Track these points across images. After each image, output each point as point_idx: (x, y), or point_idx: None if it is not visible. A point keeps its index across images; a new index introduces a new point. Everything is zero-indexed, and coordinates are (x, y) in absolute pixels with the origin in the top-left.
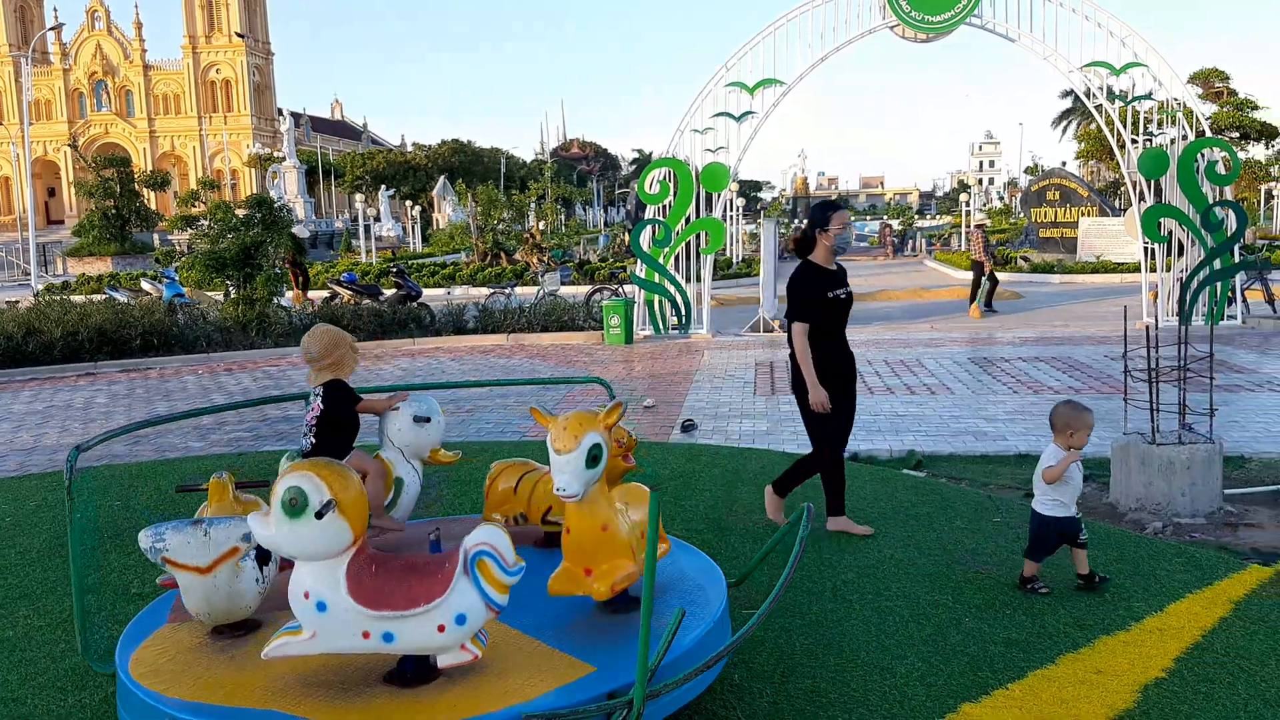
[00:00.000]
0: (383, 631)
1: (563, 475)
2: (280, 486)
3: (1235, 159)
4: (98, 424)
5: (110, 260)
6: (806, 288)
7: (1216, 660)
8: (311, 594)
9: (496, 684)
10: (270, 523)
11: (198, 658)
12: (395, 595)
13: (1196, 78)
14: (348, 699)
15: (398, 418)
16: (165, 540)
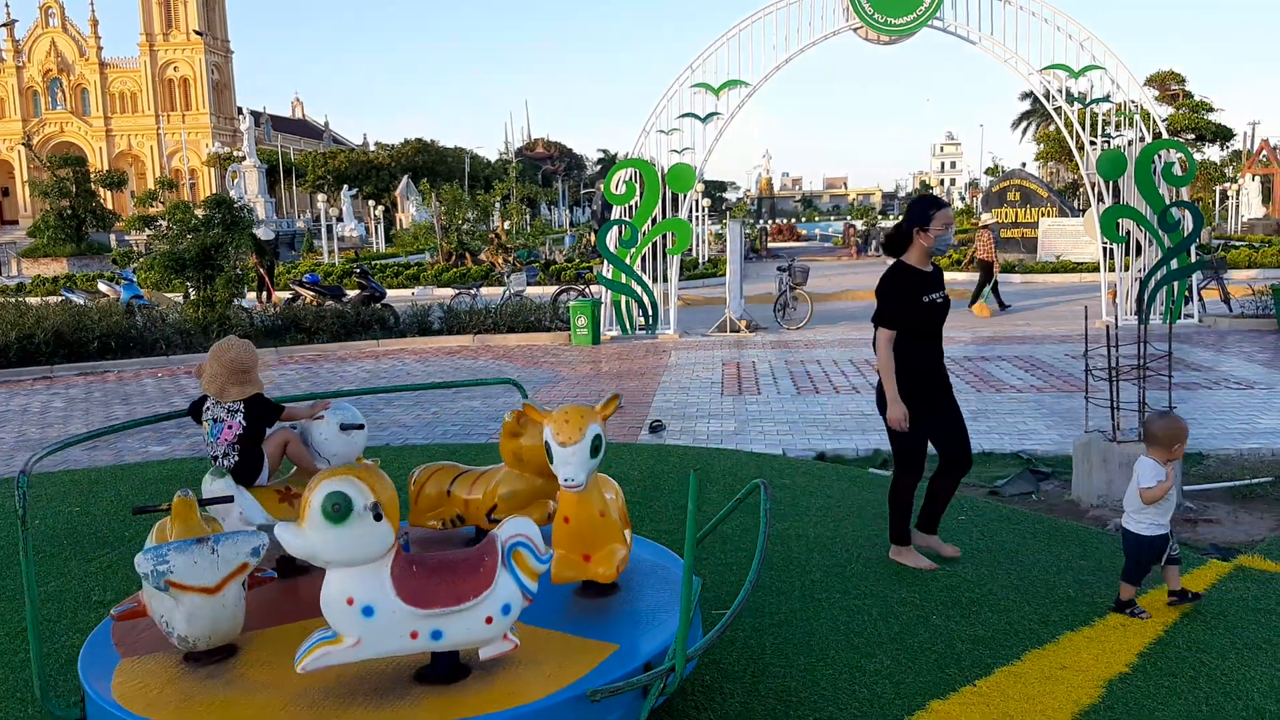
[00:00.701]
0: (431, 629)
1: (569, 466)
2: (317, 493)
3: (1191, 161)
4: (55, 429)
5: (66, 261)
6: (898, 291)
7: (1179, 654)
8: (357, 600)
9: (534, 672)
10: (306, 531)
11: (197, 687)
12: (442, 592)
13: (1153, 80)
14: (393, 704)
15: (324, 427)
16: (169, 562)
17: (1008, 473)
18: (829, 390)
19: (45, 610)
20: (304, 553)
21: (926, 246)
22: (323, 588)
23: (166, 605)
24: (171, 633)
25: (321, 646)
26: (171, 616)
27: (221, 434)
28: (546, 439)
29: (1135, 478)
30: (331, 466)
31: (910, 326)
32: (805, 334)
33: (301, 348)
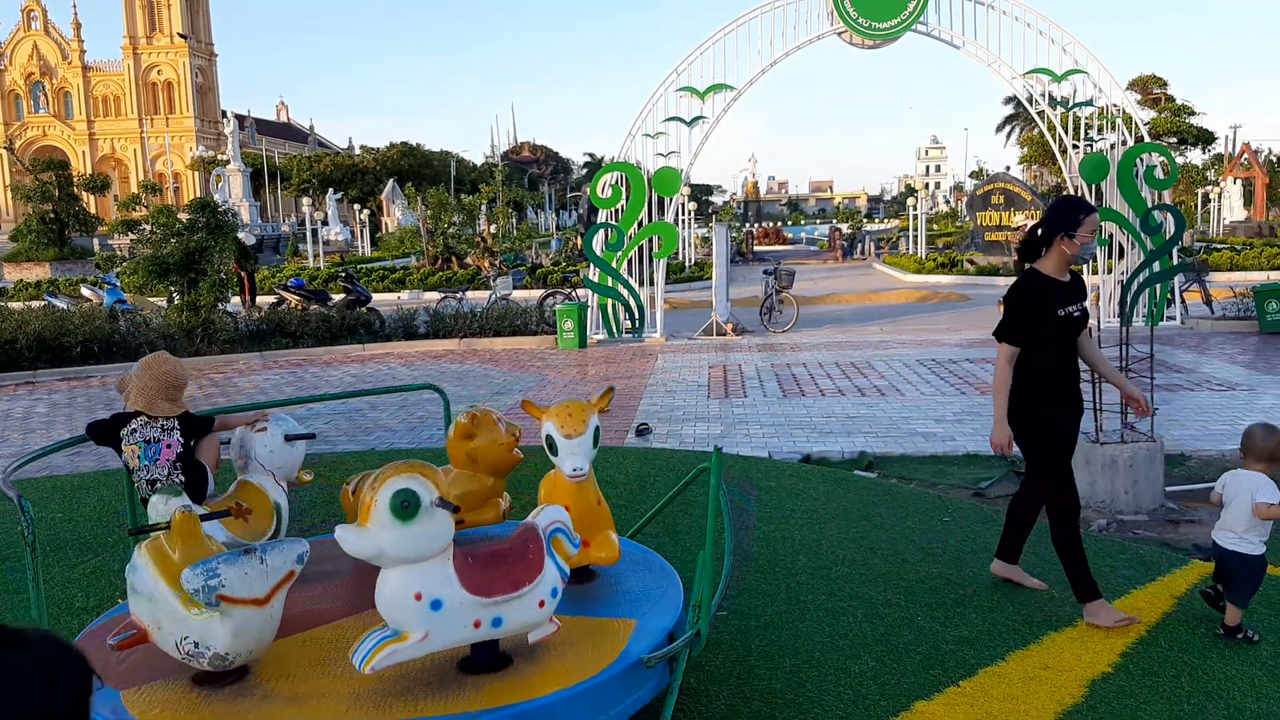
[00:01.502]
0: (493, 617)
1: (576, 457)
2: (384, 492)
3: (1173, 164)
4: (38, 434)
5: (49, 266)
6: (1031, 301)
7: (1161, 654)
8: (425, 594)
9: (575, 651)
10: (373, 531)
11: (235, 708)
12: (500, 580)
13: (1135, 84)
14: (455, 696)
15: (268, 438)
16: (220, 575)
17: (992, 474)
18: (814, 393)
19: (25, 617)
20: (370, 553)
21: (1069, 255)
22: (381, 587)
23: (195, 625)
24: (203, 653)
25: (388, 645)
26: (207, 634)
27: (161, 454)
28: (549, 433)
29: (1247, 494)
30: (275, 478)
31: (1046, 340)
32: (791, 337)
33: (286, 352)
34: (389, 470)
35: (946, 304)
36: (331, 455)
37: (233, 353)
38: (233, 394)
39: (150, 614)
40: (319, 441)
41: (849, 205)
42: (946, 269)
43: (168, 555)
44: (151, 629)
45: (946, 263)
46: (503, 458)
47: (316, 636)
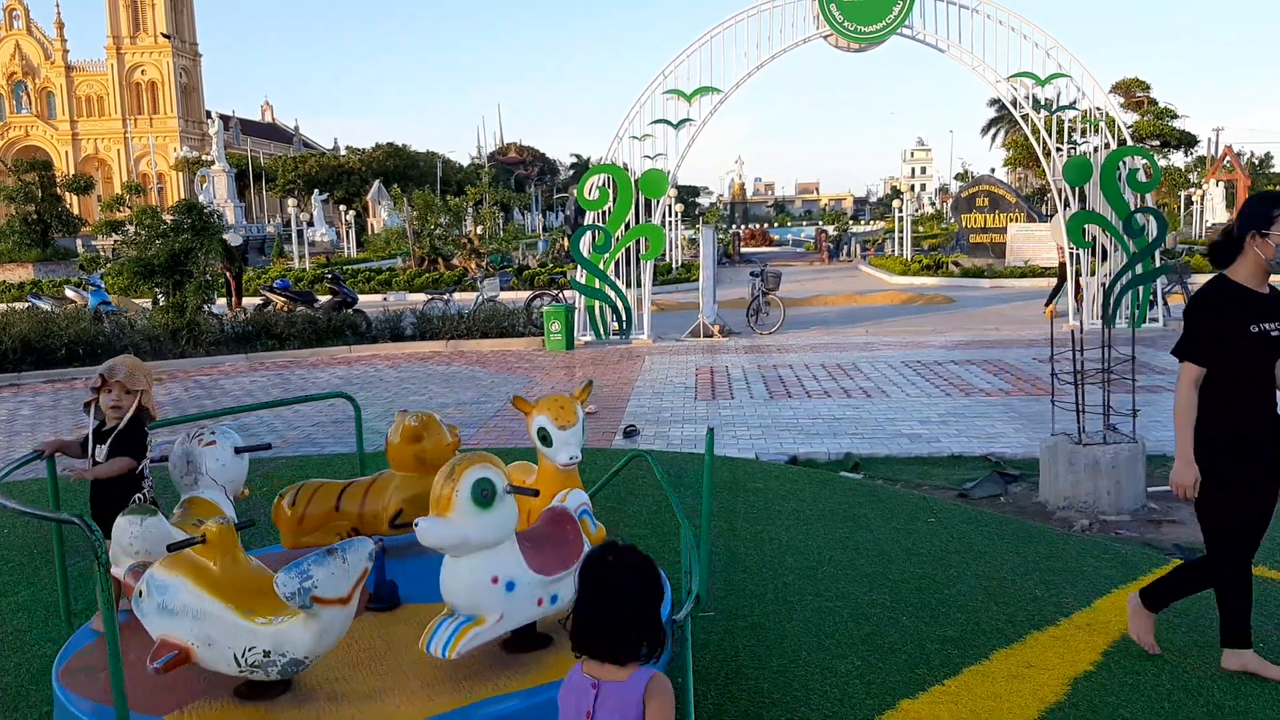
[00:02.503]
0: (551, 594)
1: (570, 446)
2: (464, 482)
3: (1156, 167)
4: (23, 436)
5: (32, 267)
6: (1217, 314)
7: (1141, 652)
8: (501, 577)
9: None
10: (455, 520)
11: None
12: (554, 559)
13: (1119, 87)
14: (522, 673)
15: (219, 452)
16: (313, 577)
17: (976, 475)
18: (801, 395)
19: (16, 620)
20: (455, 541)
21: (1265, 259)
22: (453, 576)
23: (265, 634)
24: (275, 661)
25: (468, 630)
26: (282, 641)
27: (147, 463)
28: (543, 425)
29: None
30: (226, 493)
31: (1231, 363)
32: (777, 339)
33: (273, 354)
34: (464, 462)
35: (932, 306)
36: (263, 466)
37: (218, 354)
38: (219, 396)
39: (195, 631)
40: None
41: (835, 207)
42: (932, 271)
43: (208, 569)
44: (197, 647)
45: (932, 264)
46: (448, 458)
47: None
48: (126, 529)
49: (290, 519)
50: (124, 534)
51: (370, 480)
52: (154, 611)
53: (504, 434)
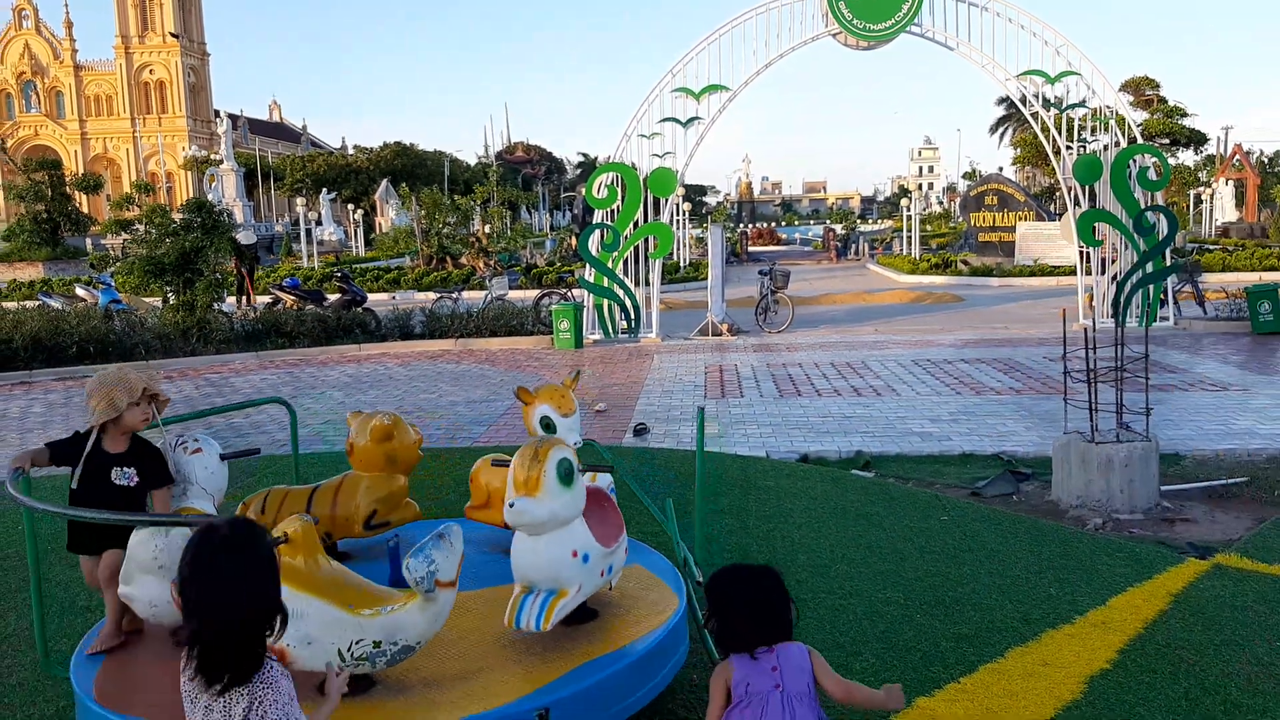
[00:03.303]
0: (608, 565)
1: (573, 432)
2: (550, 463)
3: (1166, 165)
4: (35, 434)
5: (42, 265)
6: None
7: (1158, 651)
8: (579, 551)
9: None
10: (545, 499)
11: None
12: (609, 533)
13: (1128, 85)
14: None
15: (206, 459)
16: (436, 563)
17: (988, 474)
18: (811, 393)
19: (30, 616)
20: (546, 518)
21: None
22: (534, 553)
23: (375, 625)
24: (385, 651)
25: (557, 602)
26: (396, 629)
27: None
28: (546, 414)
29: None
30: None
31: None
32: (786, 337)
33: (282, 352)
34: (545, 444)
35: (941, 305)
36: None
37: (228, 353)
38: (230, 394)
39: (292, 634)
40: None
41: (842, 206)
42: (940, 270)
43: (297, 569)
44: (293, 648)
45: (940, 263)
46: (415, 457)
47: None
48: (149, 542)
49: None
50: (146, 548)
51: (337, 483)
52: None
53: (515, 431)
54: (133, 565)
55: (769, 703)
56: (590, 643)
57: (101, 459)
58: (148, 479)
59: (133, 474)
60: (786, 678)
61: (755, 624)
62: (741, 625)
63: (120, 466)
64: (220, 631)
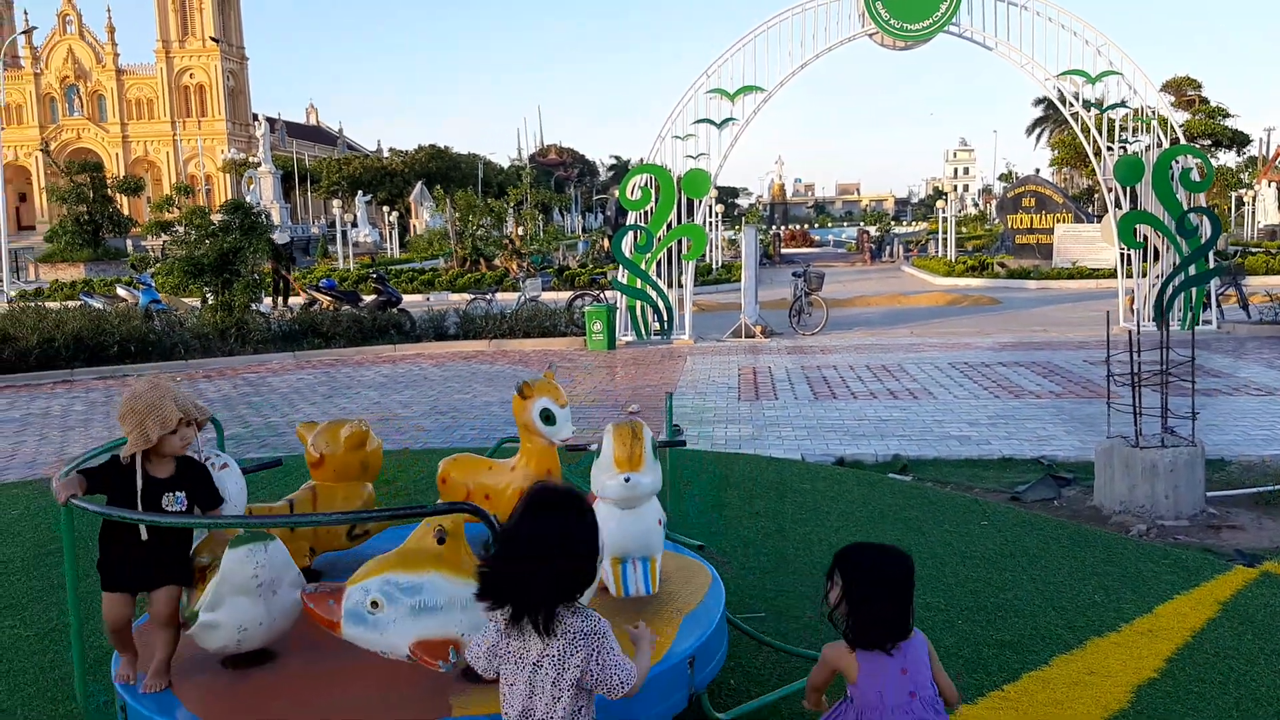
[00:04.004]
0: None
1: (569, 424)
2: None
3: (1209, 166)
4: (76, 432)
5: (83, 266)
6: None
7: (1207, 660)
8: (661, 519)
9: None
10: (648, 470)
11: None
12: None
13: (1169, 86)
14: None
15: (233, 473)
16: None
17: (1029, 478)
18: (846, 396)
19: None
20: (651, 489)
21: None
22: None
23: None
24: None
25: (655, 566)
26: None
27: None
28: (546, 406)
29: None
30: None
31: None
32: (821, 339)
33: (318, 352)
34: (636, 425)
35: (977, 307)
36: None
37: (266, 353)
38: (267, 393)
39: (464, 621)
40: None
41: (876, 208)
42: (976, 272)
43: (454, 559)
44: (465, 635)
45: (976, 265)
46: (381, 463)
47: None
48: (250, 559)
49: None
50: (244, 567)
51: (309, 496)
52: (405, 615)
53: None
54: (225, 588)
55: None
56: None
57: (150, 487)
58: (200, 502)
59: (184, 498)
60: (918, 681)
61: (899, 615)
62: (884, 615)
63: (171, 492)
64: (552, 584)
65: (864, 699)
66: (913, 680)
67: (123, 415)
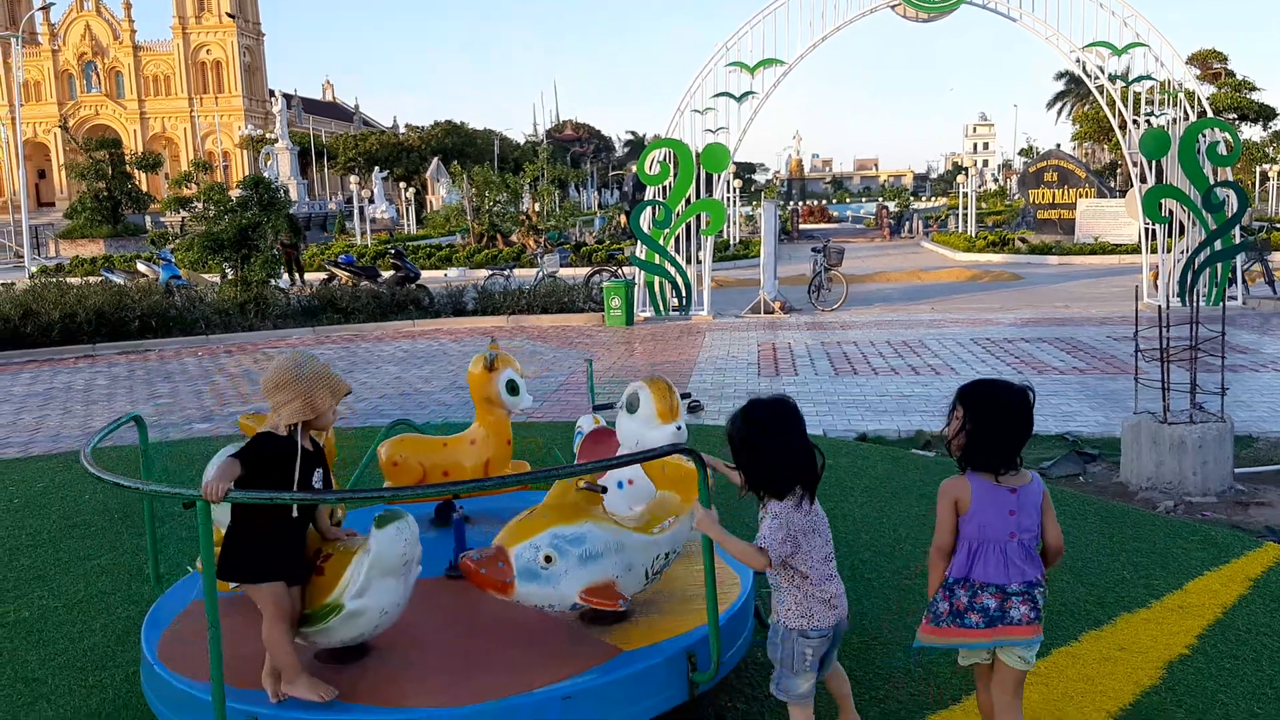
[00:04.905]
0: None
1: (530, 394)
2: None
3: (1237, 140)
4: (100, 406)
5: (103, 242)
6: None
7: (1239, 637)
8: None
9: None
10: (682, 421)
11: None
12: None
13: (1195, 59)
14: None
15: None
16: None
17: (1053, 455)
18: (867, 371)
19: (100, 583)
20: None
21: None
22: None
23: (665, 539)
24: (669, 561)
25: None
26: (676, 539)
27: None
28: (511, 377)
29: None
30: None
31: None
32: (840, 315)
33: (338, 328)
34: (662, 379)
35: (998, 283)
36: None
37: (286, 328)
38: None
39: (619, 563)
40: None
41: (894, 183)
42: (997, 247)
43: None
44: (620, 577)
45: (997, 241)
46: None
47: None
48: (398, 537)
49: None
50: (395, 545)
51: None
52: (575, 565)
53: (567, 407)
54: (375, 571)
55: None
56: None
57: (306, 462)
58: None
59: (320, 476)
60: (1023, 525)
61: (1014, 443)
62: (998, 439)
63: (317, 468)
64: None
65: (967, 529)
66: (1018, 523)
67: (284, 382)
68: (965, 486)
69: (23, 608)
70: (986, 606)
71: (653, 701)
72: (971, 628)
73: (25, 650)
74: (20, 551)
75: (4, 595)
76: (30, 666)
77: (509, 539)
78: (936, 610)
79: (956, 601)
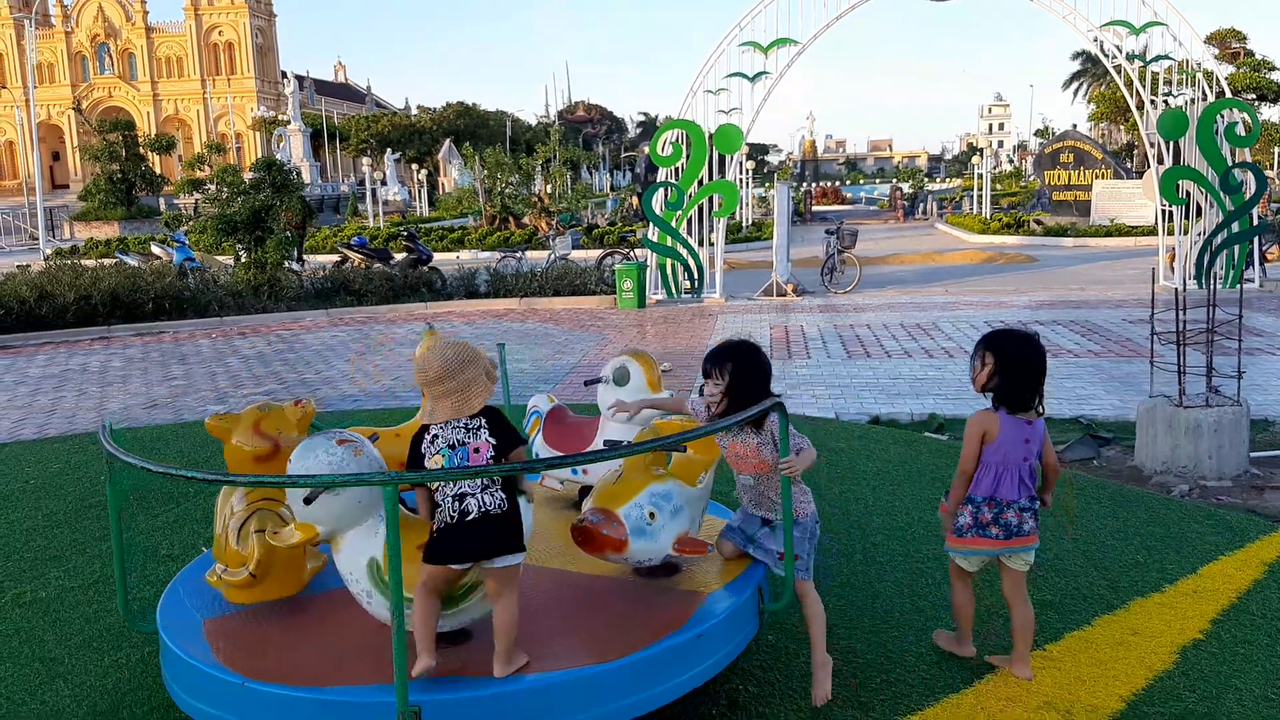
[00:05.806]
0: None
1: None
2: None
3: (1255, 121)
4: (115, 388)
5: (117, 224)
6: None
7: (1253, 621)
8: None
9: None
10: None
11: None
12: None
13: (1213, 38)
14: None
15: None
16: None
17: (1068, 438)
18: (880, 354)
19: (109, 568)
20: None
21: None
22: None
23: (701, 493)
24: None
25: None
26: (707, 492)
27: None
28: None
29: None
30: None
31: None
32: (853, 298)
33: (351, 310)
34: (642, 353)
35: (1013, 265)
36: None
37: (299, 310)
38: (301, 350)
39: (695, 515)
40: None
41: (909, 164)
42: (1012, 229)
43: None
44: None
45: (1012, 223)
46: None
47: None
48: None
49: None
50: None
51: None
52: (669, 520)
53: (579, 390)
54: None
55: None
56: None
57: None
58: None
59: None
60: (1031, 451)
61: (1039, 381)
62: (1029, 380)
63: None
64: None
65: (992, 455)
66: (1029, 450)
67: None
68: (995, 420)
69: (40, 588)
70: (1009, 522)
71: (747, 630)
72: (992, 538)
73: (42, 630)
74: (37, 532)
75: (21, 576)
76: (47, 646)
77: (612, 502)
78: (960, 525)
79: (981, 516)
